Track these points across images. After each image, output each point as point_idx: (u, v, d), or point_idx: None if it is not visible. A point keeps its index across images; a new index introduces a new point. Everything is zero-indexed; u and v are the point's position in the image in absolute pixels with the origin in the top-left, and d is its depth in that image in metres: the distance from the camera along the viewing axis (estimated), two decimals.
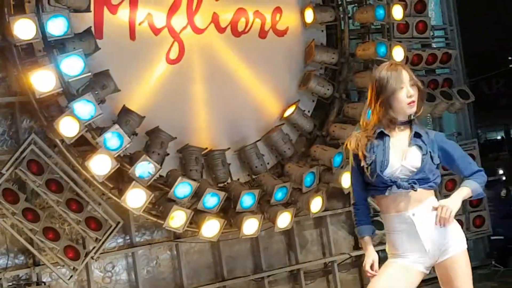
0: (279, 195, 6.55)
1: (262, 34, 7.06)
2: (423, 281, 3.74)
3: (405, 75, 3.66)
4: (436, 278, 3.78)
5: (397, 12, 7.26)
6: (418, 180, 3.61)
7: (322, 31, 7.42)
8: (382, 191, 3.65)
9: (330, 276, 7.44)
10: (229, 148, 6.75)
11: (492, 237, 8.35)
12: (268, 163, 6.94)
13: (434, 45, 8.18)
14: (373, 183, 3.68)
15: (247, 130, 6.93)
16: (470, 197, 3.71)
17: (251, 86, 7.00)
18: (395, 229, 3.68)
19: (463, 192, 3.66)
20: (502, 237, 8.59)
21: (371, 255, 3.76)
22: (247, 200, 6.37)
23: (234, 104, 6.91)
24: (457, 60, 8.28)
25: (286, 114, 7.08)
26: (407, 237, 3.65)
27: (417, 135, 3.68)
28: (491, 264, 7.99)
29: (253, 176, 6.81)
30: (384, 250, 3.86)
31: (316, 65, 7.29)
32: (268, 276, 7.03)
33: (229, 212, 6.48)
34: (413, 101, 3.65)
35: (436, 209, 3.60)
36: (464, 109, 8.22)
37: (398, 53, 7.26)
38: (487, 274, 7.88)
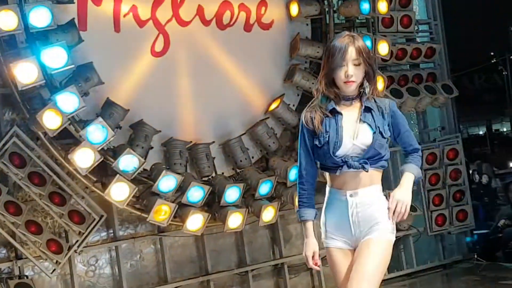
0: (263, 189, 6.54)
1: (247, 27, 7.04)
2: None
3: (351, 53, 3.50)
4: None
5: (382, 6, 7.28)
6: (369, 159, 3.54)
7: (307, 24, 7.40)
8: (333, 171, 3.56)
9: (314, 270, 7.44)
10: (213, 142, 6.72)
11: (476, 231, 8.41)
12: (252, 157, 6.92)
13: (418, 40, 8.19)
14: (324, 162, 3.59)
15: (232, 123, 6.91)
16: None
17: (236, 80, 6.97)
18: (331, 204, 3.61)
19: (411, 180, 3.60)
20: (485, 231, 8.66)
21: (312, 245, 3.62)
22: (231, 194, 6.36)
23: (218, 97, 6.87)
24: (441, 55, 8.30)
25: (271, 108, 7.06)
26: (338, 216, 3.58)
27: (367, 110, 3.59)
28: (474, 258, 8.02)
29: (238, 170, 6.79)
30: None
31: (301, 59, 7.28)
32: (252, 270, 7.02)
33: (213, 206, 6.46)
34: (352, 81, 3.52)
35: (389, 207, 3.56)
36: (448, 103, 8.25)
37: (383, 47, 7.31)
38: (470, 268, 7.92)
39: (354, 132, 3.55)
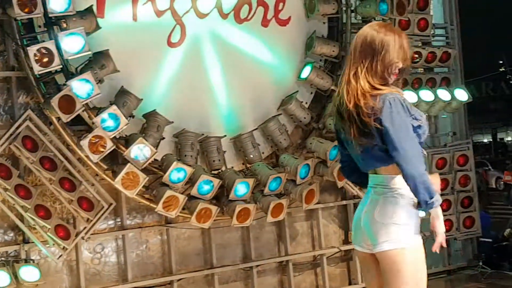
0: (273, 185, 6.52)
1: (265, 22, 7.01)
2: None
3: None
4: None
5: (400, 8, 7.26)
6: None
7: (324, 23, 7.38)
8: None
9: (319, 269, 7.43)
10: (225, 136, 6.71)
11: (481, 239, 8.37)
12: (263, 153, 6.91)
13: (434, 44, 8.15)
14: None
15: (244, 118, 6.90)
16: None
17: (250, 74, 6.95)
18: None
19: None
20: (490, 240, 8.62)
21: None
22: (241, 188, 6.35)
23: (232, 91, 6.85)
24: (456, 60, 8.27)
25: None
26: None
27: None
28: (479, 265, 8.00)
29: (248, 165, 6.77)
30: None
31: (316, 57, 7.25)
32: (257, 266, 7.01)
33: (222, 199, 6.44)
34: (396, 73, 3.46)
35: None
36: (460, 109, 8.22)
37: None
38: (474, 275, 7.91)
39: None
